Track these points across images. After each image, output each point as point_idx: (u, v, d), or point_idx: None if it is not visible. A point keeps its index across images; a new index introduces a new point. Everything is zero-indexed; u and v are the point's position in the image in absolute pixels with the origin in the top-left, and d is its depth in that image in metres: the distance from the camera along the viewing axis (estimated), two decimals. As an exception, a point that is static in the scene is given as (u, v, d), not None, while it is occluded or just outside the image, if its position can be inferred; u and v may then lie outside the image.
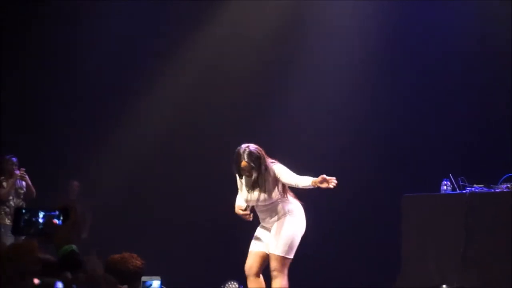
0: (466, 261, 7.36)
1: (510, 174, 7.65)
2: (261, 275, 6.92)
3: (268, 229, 6.94)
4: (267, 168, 6.85)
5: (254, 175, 6.84)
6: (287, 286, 6.82)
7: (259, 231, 7.01)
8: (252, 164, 6.83)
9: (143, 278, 4.19)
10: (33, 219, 2.39)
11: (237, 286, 9.95)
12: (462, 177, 7.94)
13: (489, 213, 7.53)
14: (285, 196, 6.89)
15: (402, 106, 10.55)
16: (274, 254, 6.78)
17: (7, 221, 9.47)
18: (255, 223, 6.98)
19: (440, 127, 10.23)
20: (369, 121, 10.67)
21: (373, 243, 10.19)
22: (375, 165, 10.52)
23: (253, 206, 6.93)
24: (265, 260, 6.87)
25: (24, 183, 9.78)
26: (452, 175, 8.00)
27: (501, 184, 7.68)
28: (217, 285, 9.84)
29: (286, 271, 6.81)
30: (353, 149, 10.64)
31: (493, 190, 7.69)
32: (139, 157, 11.21)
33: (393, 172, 10.28)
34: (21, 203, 9.65)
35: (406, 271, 8.02)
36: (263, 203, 6.90)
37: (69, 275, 2.14)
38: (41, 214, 2.37)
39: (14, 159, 9.78)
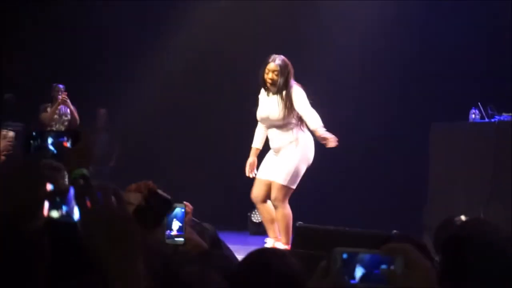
0: (493, 192, 7.28)
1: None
2: (268, 201, 6.93)
3: (275, 156, 6.94)
4: (289, 84, 6.82)
5: (279, 82, 6.80)
6: (289, 215, 6.80)
7: (267, 158, 7.02)
8: (280, 68, 6.81)
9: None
10: (43, 144, 2.36)
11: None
12: (490, 106, 7.82)
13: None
14: (300, 123, 6.85)
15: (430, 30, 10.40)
16: (275, 183, 6.80)
17: None
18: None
19: (466, 55, 10.03)
20: (395, 47, 10.50)
21: (401, 172, 10.14)
22: (401, 94, 10.41)
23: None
24: (270, 188, 6.89)
25: (68, 110, 9.86)
26: (480, 103, 7.88)
27: (530, 112, 7.55)
28: (244, 213, 9.92)
29: (286, 200, 6.83)
30: (378, 78, 10.52)
31: (522, 118, 7.57)
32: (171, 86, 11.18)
33: (421, 100, 10.16)
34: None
35: (433, 200, 7.99)
36: (275, 121, 6.85)
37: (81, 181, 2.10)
38: (49, 140, 2.34)
39: (61, 86, 9.85)
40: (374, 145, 10.47)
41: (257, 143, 7.15)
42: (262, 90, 7.03)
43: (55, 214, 1.68)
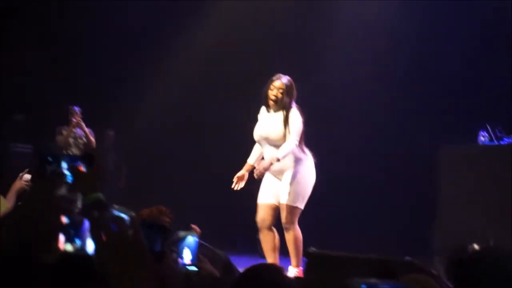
0: (503, 215, 7.23)
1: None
2: (273, 228, 6.83)
3: (276, 179, 6.81)
4: (290, 105, 6.74)
5: (284, 100, 6.72)
6: (300, 237, 6.72)
7: (266, 182, 6.86)
8: (286, 87, 6.74)
9: (180, 234, 4.10)
10: (58, 167, 2.36)
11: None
12: (499, 127, 7.80)
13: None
14: (300, 144, 6.72)
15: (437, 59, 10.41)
16: (284, 205, 6.68)
17: None
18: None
19: (475, 77, 10.03)
20: (405, 73, 10.51)
21: (409, 195, 10.12)
22: (409, 116, 10.40)
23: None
24: (277, 212, 6.78)
25: (83, 133, 9.87)
26: (489, 125, 7.86)
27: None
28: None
29: (296, 222, 6.72)
30: (388, 102, 10.53)
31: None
32: (176, 107, 11.21)
33: (429, 122, 10.16)
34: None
35: (444, 223, 7.94)
36: (275, 140, 6.72)
37: (96, 213, 2.11)
38: (64, 164, 2.35)
39: (76, 108, 9.85)
40: (381, 168, 10.46)
41: (251, 159, 7.01)
42: (262, 109, 6.93)
43: (69, 247, 1.70)
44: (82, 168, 2.35)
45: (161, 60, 11.37)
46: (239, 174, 6.96)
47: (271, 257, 6.81)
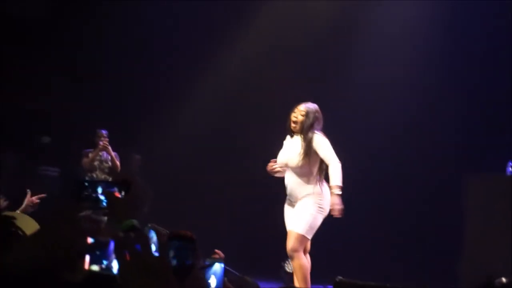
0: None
1: None
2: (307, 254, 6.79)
3: (292, 205, 6.78)
4: (313, 129, 6.71)
5: (304, 123, 6.72)
6: (306, 265, 6.65)
7: (287, 209, 6.86)
8: (307, 110, 6.74)
9: (207, 261, 4.11)
10: (93, 194, 2.38)
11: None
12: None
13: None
14: (319, 174, 6.70)
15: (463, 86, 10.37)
16: (293, 232, 6.63)
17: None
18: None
19: (498, 110, 9.98)
20: (432, 100, 10.48)
21: (434, 225, 10.05)
22: (436, 148, 10.36)
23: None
24: None
25: (109, 156, 9.86)
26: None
27: None
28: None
29: (302, 251, 6.65)
30: (414, 130, 10.50)
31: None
32: (200, 136, 11.25)
33: (455, 154, 10.10)
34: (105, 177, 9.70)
35: (470, 254, 7.87)
36: (293, 167, 6.71)
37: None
38: (99, 189, 2.36)
39: (104, 132, 9.84)
40: (407, 197, 10.41)
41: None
42: (288, 136, 6.94)
43: (95, 267, 1.72)
44: (118, 194, 2.37)
45: (187, 83, 11.45)
46: (278, 165, 6.86)
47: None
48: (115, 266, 1.77)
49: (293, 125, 6.81)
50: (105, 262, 1.79)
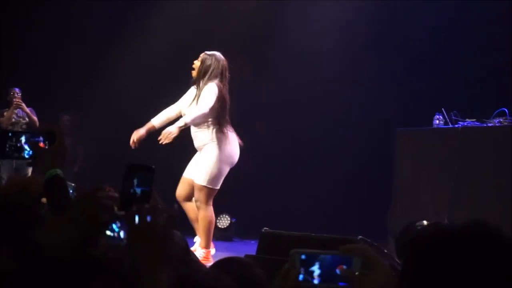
0: (456, 197, 7.32)
1: (503, 109, 7.56)
2: (191, 200, 6.75)
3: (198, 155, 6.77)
4: (206, 78, 6.61)
5: (196, 73, 6.64)
6: (210, 217, 6.66)
7: (194, 157, 6.83)
8: (202, 58, 6.65)
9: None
10: (18, 144, 2.35)
11: (229, 219, 9.99)
12: (455, 111, 7.87)
13: (481, 148, 7.46)
14: (218, 121, 6.62)
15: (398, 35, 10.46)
16: (196, 184, 6.62)
17: None
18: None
19: (434, 61, 10.12)
20: (363, 53, 10.55)
21: (365, 178, 10.19)
22: (367, 100, 10.46)
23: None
24: (193, 187, 6.72)
25: (25, 113, 9.79)
26: (444, 109, 7.93)
27: (493, 118, 7.59)
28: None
29: (210, 202, 6.65)
30: (343, 83, 10.57)
31: (485, 125, 7.62)
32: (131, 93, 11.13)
33: (385, 106, 10.20)
34: None
35: (398, 206, 8.01)
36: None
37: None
38: (23, 139, 2.33)
39: (16, 89, 9.77)
40: (338, 150, 10.51)
41: (156, 121, 6.84)
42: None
43: (112, 239, 1.90)
44: (43, 145, 2.34)
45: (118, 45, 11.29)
46: (139, 133, 6.73)
47: (197, 228, 6.77)
48: (123, 235, 1.88)
49: (193, 72, 6.72)
50: (122, 234, 1.89)
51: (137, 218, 1.78)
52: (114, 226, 1.89)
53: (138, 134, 6.72)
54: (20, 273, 1.74)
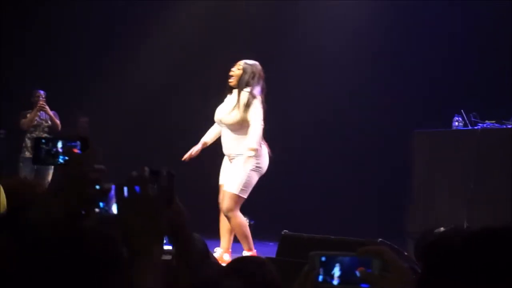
0: (474, 199, 7.29)
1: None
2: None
3: (230, 162, 6.79)
4: (248, 86, 6.63)
5: (240, 78, 6.65)
6: (244, 223, 6.75)
7: (224, 165, 6.88)
8: (243, 67, 6.67)
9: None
10: (53, 149, 2.35)
11: (247, 221, 9.97)
12: (474, 113, 7.84)
13: (500, 150, 7.43)
14: None
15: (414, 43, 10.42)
16: (227, 192, 6.65)
17: (27, 154, 9.55)
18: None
19: (449, 63, 10.07)
20: (381, 55, 10.53)
21: (384, 180, 10.15)
22: (386, 103, 10.42)
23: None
24: None
25: (48, 116, 9.84)
26: (463, 110, 7.90)
27: (512, 120, 7.56)
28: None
29: (238, 210, 6.69)
30: (364, 86, 10.55)
31: (504, 126, 7.59)
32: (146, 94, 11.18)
33: (404, 108, 10.17)
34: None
35: (417, 207, 7.99)
36: (227, 124, 6.68)
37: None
38: (59, 144, 2.34)
39: (41, 92, 9.84)
40: (357, 152, 10.49)
41: (206, 138, 7.04)
42: (229, 95, 6.90)
43: (102, 210, 1.93)
44: (77, 150, 2.35)
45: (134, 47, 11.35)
46: (196, 149, 6.97)
47: (223, 238, 6.85)
48: (114, 207, 1.91)
49: (230, 80, 6.75)
50: (102, 205, 1.93)
51: (125, 190, 1.82)
52: (110, 204, 1.93)
53: (195, 149, 6.99)
54: (20, 255, 1.75)
